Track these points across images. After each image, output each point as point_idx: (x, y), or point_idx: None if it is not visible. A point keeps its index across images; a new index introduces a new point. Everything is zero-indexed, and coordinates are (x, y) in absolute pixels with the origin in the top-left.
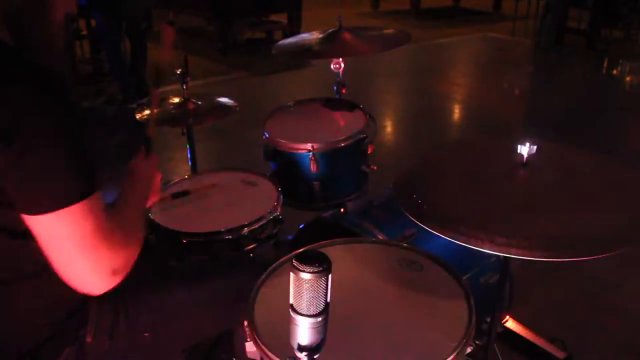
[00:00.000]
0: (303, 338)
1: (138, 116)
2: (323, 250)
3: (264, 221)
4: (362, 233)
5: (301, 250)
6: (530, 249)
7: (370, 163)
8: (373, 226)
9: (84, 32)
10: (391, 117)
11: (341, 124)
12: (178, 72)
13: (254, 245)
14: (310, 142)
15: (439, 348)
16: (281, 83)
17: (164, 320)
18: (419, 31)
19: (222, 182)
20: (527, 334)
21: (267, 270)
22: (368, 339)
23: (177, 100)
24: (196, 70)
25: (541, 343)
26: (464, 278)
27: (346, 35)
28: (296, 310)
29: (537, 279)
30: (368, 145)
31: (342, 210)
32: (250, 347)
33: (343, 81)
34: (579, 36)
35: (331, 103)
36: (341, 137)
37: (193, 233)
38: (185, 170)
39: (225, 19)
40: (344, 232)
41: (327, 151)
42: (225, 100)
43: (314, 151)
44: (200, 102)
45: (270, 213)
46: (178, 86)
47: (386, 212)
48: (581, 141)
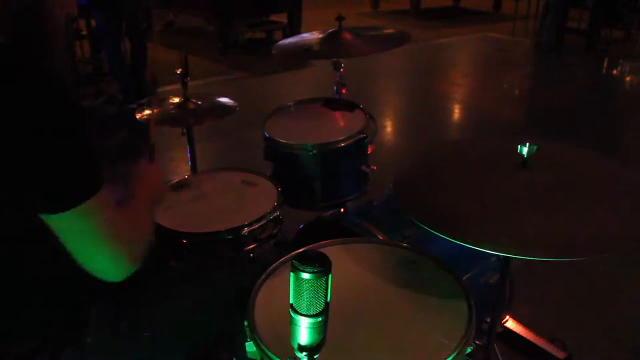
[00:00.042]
0: (303, 338)
1: (138, 116)
2: (323, 250)
3: (264, 221)
4: (362, 233)
5: (301, 250)
6: (530, 249)
7: (370, 163)
8: (373, 226)
9: (84, 32)
10: (391, 117)
11: (341, 124)
12: (178, 72)
13: (254, 245)
14: (310, 142)
15: (439, 348)
16: (281, 83)
17: (164, 320)
18: (419, 31)
19: (222, 182)
20: (527, 334)
21: (267, 270)
22: (368, 339)
23: (177, 100)
24: (196, 70)
25: (541, 343)
26: (464, 278)
27: (346, 35)
28: (296, 310)
29: (537, 279)
30: (368, 145)
31: (342, 210)
32: (250, 347)
33: (343, 81)
34: (579, 36)
35: (331, 103)
36: (341, 137)
37: (193, 233)
38: (185, 170)
39: (225, 19)
40: (344, 232)
41: (327, 151)
42: (225, 100)
43: (314, 151)
44: (200, 102)
45: (270, 213)
46: (178, 86)
47: (386, 212)
48: (581, 141)
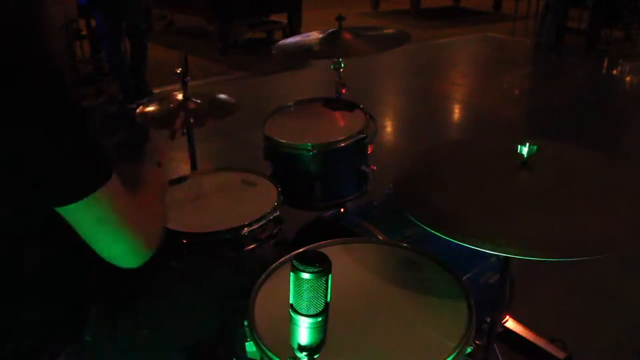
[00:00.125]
0: (303, 338)
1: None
2: (323, 250)
3: (264, 221)
4: (362, 233)
5: (301, 250)
6: (530, 249)
7: (370, 163)
8: (373, 226)
9: (84, 32)
10: (391, 117)
11: (341, 124)
12: (178, 72)
13: (254, 245)
14: (310, 142)
15: (439, 348)
16: (281, 83)
17: (164, 319)
18: (419, 31)
19: (222, 182)
20: (527, 334)
21: (267, 270)
22: (368, 339)
23: (177, 100)
24: (196, 70)
25: (541, 343)
26: (464, 278)
27: (346, 35)
28: (296, 310)
29: (537, 279)
30: (368, 145)
31: (342, 210)
32: (250, 347)
33: (343, 81)
34: (579, 36)
35: (331, 103)
36: (341, 137)
37: (193, 233)
38: (185, 170)
39: (225, 19)
40: (344, 232)
41: (327, 151)
42: (224, 96)
43: (314, 151)
44: (199, 101)
45: (270, 213)
46: (178, 86)
47: (386, 212)
48: (581, 141)
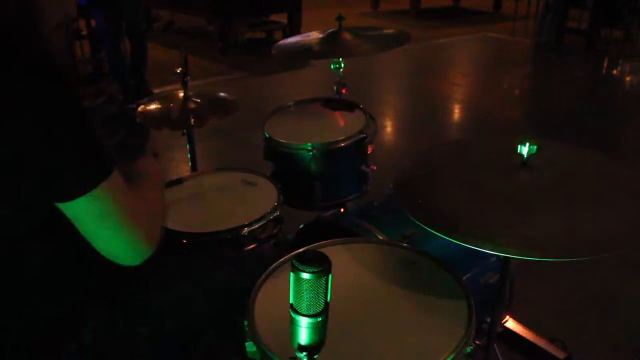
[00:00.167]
0: (303, 338)
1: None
2: (323, 250)
3: (264, 221)
4: (362, 233)
5: (301, 250)
6: (530, 249)
7: (370, 163)
8: (373, 226)
9: (84, 32)
10: (391, 117)
11: (341, 124)
12: (178, 72)
13: (254, 245)
14: (310, 142)
15: (439, 348)
16: (281, 83)
17: (164, 319)
18: (419, 31)
19: (222, 182)
20: (527, 334)
21: (267, 270)
22: (368, 339)
23: (177, 100)
24: (196, 70)
25: (541, 343)
26: (464, 278)
27: (346, 35)
28: (296, 310)
29: (537, 279)
30: (368, 145)
31: (342, 210)
32: (250, 347)
33: (343, 81)
34: (579, 36)
35: (331, 103)
36: (341, 137)
37: (193, 233)
38: (185, 170)
39: (225, 19)
40: (344, 232)
41: (327, 151)
42: (224, 94)
43: (314, 151)
44: (199, 100)
45: (270, 213)
46: (178, 86)
47: (386, 212)
48: (581, 141)
